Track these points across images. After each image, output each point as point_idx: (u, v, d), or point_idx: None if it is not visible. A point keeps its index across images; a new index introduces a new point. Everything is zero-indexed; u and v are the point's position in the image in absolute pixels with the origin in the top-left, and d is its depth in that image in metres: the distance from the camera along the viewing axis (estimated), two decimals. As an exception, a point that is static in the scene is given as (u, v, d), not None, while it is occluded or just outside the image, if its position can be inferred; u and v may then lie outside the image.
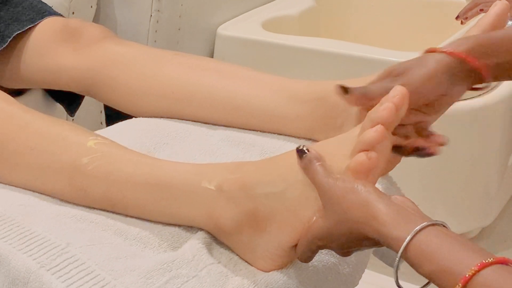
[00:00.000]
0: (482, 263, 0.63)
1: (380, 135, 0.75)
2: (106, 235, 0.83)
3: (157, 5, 1.64)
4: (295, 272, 0.82)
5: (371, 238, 0.71)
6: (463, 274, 0.63)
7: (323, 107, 1.01)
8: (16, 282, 0.78)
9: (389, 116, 0.75)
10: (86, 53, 1.13)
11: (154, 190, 0.85)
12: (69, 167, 0.88)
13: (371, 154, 0.75)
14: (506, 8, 0.95)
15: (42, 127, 0.91)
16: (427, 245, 0.66)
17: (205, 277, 0.79)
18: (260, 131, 1.05)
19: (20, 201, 0.88)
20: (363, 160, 0.75)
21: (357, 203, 0.71)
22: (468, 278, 0.62)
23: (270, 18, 1.87)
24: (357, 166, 0.75)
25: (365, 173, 0.75)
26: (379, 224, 0.69)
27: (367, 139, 0.75)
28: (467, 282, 0.62)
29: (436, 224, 0.68)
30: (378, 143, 0.75)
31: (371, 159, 0.75)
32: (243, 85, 1.06)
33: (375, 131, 0.75)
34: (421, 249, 0.66)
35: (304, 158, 0.77)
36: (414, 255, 0.66)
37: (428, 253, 0.66)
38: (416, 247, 0.66)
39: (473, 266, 0.63)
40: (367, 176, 0.75)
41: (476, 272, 0.62)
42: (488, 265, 0.63)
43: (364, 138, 0.76)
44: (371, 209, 0.70)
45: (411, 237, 0.66)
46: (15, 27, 1.17)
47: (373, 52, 1.65)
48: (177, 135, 1.04)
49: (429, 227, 0.67)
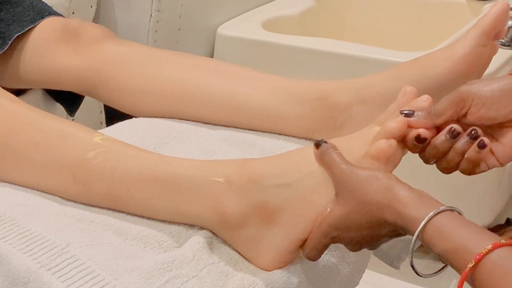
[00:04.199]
0: (495, 243, 0.65)
1: (402, 125, 0.78)
2: (106, 235, 0.83)
3: (157, 5, 1.64)
4: (296, 272, 0.82)
5: (390, 223, 0.73)
6: (477, 252, 0.65)
7: (323, 107, 1.01)
8: (16, 282, 0.78)
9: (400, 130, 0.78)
10: (86, 53, 1.13)
11: (159, 184, 0.85)
12: (74, 162, 0.88)
13: (391, 142, 0.77)
14: (506, 8, 0.95)
15: (47, 124, 0.92)
16: (445, 225, 0.69)
17: (205, 277, 0.79)
18: (260, 131, 1.05)
19: (21, 201, 0.88)
20: (384, 147, 0.77)
21: (379, 187, 0.73)
22: (481, 256, 0.65)
23: (270, 18, 1.87)
24: (378, 152, 0.77)
25: (384, 160, 0.77)
26: (401, 204, 0.72)
27: (389, 128, 0.78)
28: (480, 260, 0.65)
29: (454, 210, 0.71)
30: (399, 133, 0.78)
31: (391, 146, 0.77)
32: (243, 85, 1.06)
33: (397, 121, 0.78)
34: (438, 229, 0.69)
35: (322, 147, 0.79)
36: (431, 234, 0.69)
37: (444, 232, 0.69)
38: (433, 227, 0.69)
39: (486, 245, 0.65)
40: (386, 164, 0.77)
41: (489, 251, 0.65)
42: (501, 246, 0.65)
43: (387, 128, 0.78)
44: (394, 192, 0.73)
45: (430, 217, 0.69)
46: (15, 28, 1.17)
47: (373, 52, 1.65)
48: (177, 135, 1.04)
49: (447, 211, 0.70)
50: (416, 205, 0.71)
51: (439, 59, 0.98)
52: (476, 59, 0.97)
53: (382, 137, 0.78)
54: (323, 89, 1.02)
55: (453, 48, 0.98)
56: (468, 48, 0.97)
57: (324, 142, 0.79)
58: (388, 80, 0.99)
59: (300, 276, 0.82)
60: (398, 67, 1.02)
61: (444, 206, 0.70)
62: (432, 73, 0.98)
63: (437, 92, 0.98)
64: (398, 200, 0.72)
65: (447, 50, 0.99)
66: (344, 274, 0.89)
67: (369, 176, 0.75)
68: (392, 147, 0.77)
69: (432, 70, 0.98)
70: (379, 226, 0.74)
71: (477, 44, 0.96)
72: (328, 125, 1.00)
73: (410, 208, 0.71)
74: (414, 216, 0.70)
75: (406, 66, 1.01)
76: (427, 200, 0.72)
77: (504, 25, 0.97)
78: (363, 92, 1.00)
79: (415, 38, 2.00)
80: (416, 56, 1.03)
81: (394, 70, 1.01)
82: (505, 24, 0.97)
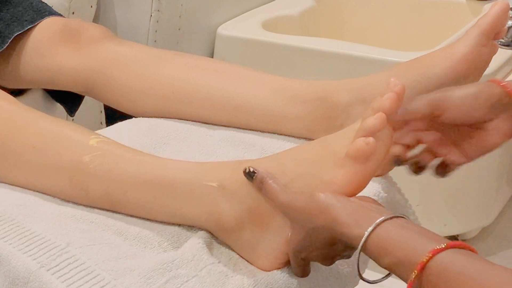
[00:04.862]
0: (434, 249, 0.65)
1: (380, 121, 0.76)
2: (106, 235, 0.83)
3: (157, 5, 1.64)
4: (295, 272, 0.82)
5: (340, 241, 0.73)
6: (417, 262, 0.65)
7: (323, 107, 1.01)
8: (16, 282, 0.78)
9: (391, 105, 0.76)
10: (86, 53, 1.13)
11: (155, 188, 0.85)
12: (71, 165, 0.88)
13: (369, 140, 0.76)
14: (506, 8, 0.95)
15: (44, 126, 0.91)
16: (385, 239, 0.68)
17: (205, 277, 0.79)
18: (260, 131, 1.05)
19: (20, 201, 0.88)
20: (361, 146, 0.76)
21: (318, 210, 0.74)
22: (423, 264, 0.65)
23: (270, 18, 1.87)
24: (355, 151, 0.76)
25: (364, 159, 0.76)
26: (340, 225, 0.72)
27: (367, 125, 0.76)
28: (422, 268, 0.65)
29: (394, 217, 0.70)
30: (378, 130, 0.76)
31: (369, 144, 0.76)
32: (243, 85, 1.06)
33: (376, 118, 0.76)
34: (379, 244, 0.69)
35: (255, 178, 0.79)
36: (374, 250, 0.69)
37: (385, 246, 0.68)
38: (374, 242, 0.69)
39: (426, 252, 0.65)
40: (366, 162, 0.77)
41: (430, 258, 0.65)
42: (441, 251, 0.65)
43: (364, 125, 0.77)
44: (331, 213, 0.72)
45: (368, 234, 0.69)
46: (15, 27, 1.17)
47: (373, 52, 1.65)
48: (177, 135, 1.04)
49: (386, 221, 0.69)
50: (354, 223, 0.71)
51: (439, 59, 0.98)
52: (476, 59, 0.97)
53: (361, 135, 0.77)
54: (323, 89, 1.02)
55: (453, 48, 0.98)
56: (468, 48, 0.97)
57: (253, 173, 0.79)
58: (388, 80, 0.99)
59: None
60: (398, 67, 1.01)
61: (383, 215, 0.70)
62: (432, 73, 0.98)
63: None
64: (336, 221, 0.72)
65: (447, 50, 0.99)
66: (344, 274, 0.88)
67: (308, 200, 0.75)
68: (370, 145, 0.76)
69: (432, 70, 0.98)
70: (333, 244, 0.75)
71: (477, 44, 0.96)
72: (328, 125, 1.00)
73: (349, 228, 0.71)
74: (354, 235, 0.70)
75: (406, 66, 1.01)
76: (365, 213, 0.71)
77: (504, 25, 0.97)
78: (363, 92, 1.00)
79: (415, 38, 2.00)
80: (416, 56, 1.03)
81: (394, 70, 1.01)
82: (505, 24, 0.97)
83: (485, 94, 0.82)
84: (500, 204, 1.80)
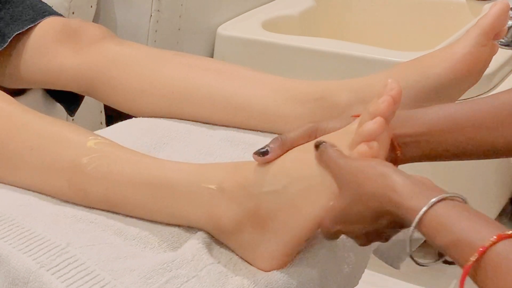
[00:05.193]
0: (500, 235, 0.61)
1: (379, 126, 0.75)
2: (106, 235, 0.83)
3: (157, 5, 1.64)
4: (295, 272, 0.82)
5: (388, 214, 0.70)
6: (480, 244, 0.62)
7: (323, 107, 1.01)
8: (16, 282, 0.78)
9: (388, 109, 0.75)
10: (86, 53, 1.13)
11: (154, 190, 0.85)
12: (69, 167, 0.88)
13: (372, 144, 0.75)
14: (506, 8, 0.95)
15: (42, 127, 0.91)
16: (444, 216, 0.65)
17: (205, 277, 0.79)
18: (260, 131, 1.05)
19: (20, 201, 0.88)
20: (365, 151, 0.75)
21: (374, 175, 0.71)
22: (484, 249, 0.61)
23: (270, 18, 1.87)
24: (360, 156, 0.75)
25: None
26: (396, 194, 0.68)
27: (367, 130, 0.76)
28: (483, 252, 0.61)
29: (454, 198, 0.67)
30: (378, 134, 0.75)
31: (373, 149, 0.75)
32: (243, 85, 1.06)
33: (375, 122, 0.75)
34: (437, 220, 0.65)
35: (321, 147, 0.78)
36: (430, 226, 0.65)
37: (444, 224, 0.65)
38: (432, 218, 0.65)
39: (490, 237, 0.61)
40: None
41: (494, 243, 0.61)
42: (506, 237, 0.61)
43: (364, 130, 0.76)
44: (388, 179, 0.70)
45: (428, 207, 0.66)
46: (15, 27, 1.17)
47: (373, 52, 1.65)
48: (177, 135, 1.04)
49: (447, 199, 0.66)
50: (412, 194, 0.68)
51: (439, 59, 0.98)
52: (476, 59, 0.97)
53: (362, 139, 0.76)
54: (323, 89, 1.02)
55: (453, 48, 0.98)
56: (468, 48, 0.96)
57: (323, 143, 0.78)
58: (388, 80, 0.99)
59: (300, 277, 0.82)
60: (398, 67, 1.01)
61: (444, 193, 0.67)
62: (432, 73, 0.98)
63: (437, 92, 0.98)
64: (393, 189, 0.69)
65: (447, 50, 0.99)
66: (344, 274, 0.88)
67: (364, 165, 0.73)
68: (374, 149, 0.75)
69: (432, 70, 0.98)
70: (378, 217, 0.72)
71: (477, 44, 0.96)
72: (328, 125, 1.00)
73: (406, 198, 0.68)
74: (410, 206, 0.67)
75: (406, 66, 1.01)
76: (426, 188, 0.68)
77: (504, 25, 0.97)
78: (363, 92, 1.00)
79: (415, 38, 2.00)
80: (416, 56, 1.03)
81: (394, 70, 1.01)
82: (505, 24, 0.97)
83: None
84: (500, 204, 1.80)
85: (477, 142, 0.82)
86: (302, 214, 0.78)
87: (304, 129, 0.83)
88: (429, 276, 1.72)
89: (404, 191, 0.68)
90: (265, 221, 0.80)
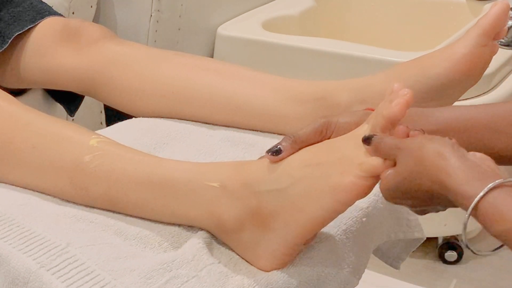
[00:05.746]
0: None
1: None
2: (106, 235, 0.83)
3: (157, 5, 1.64)
4: (296, 272, 0.82)
5: (441, 196, 0.68)
6: None
7: (323, 107, 1.01)
8: (16, 282, 0.78)
9: (401, 112, 0.74)
10: (86, 53, 1.13)
11: (155, 188, 0.85)
12: (71, 165, 0.88)
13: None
14: (506, 8, 0.95)
15: (44, 126, 0.92)
16: (501, 203, 0.63)
17: (205, 277, 0.79)
18: (260, 131, 1.05)
19: (20, 201, 0.88)
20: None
21: (432, 151, 0.68)
22: None
23: (270, 18, 1.87)
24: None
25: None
26: (450, 178, 0.66)
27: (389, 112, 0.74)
28: None
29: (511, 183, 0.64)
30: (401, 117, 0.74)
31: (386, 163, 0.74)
32: (243, 85, 1.06)
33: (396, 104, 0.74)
34: (494, 207, 0.63)
35: (374, 139, 0.75)
36: (486, 213, 0.63)
37: (501, 211, 0.62)
38: (488, 204, 0.63)
39: None
40: None
41: None
42: None
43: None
44: (444, 161, 0.67)
45: (483, 194, 0.63)
46: (16, 27, 1.17)
47: (373, 52, 1.65)
48: (177, 135, 1.04)
49: (503, 185, 0.63)
50: (467, 179, 0.65)
51: (439, 59, 0.98)
52: (476, 59, 0.97)
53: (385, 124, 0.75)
54: (323, 89, 1.02)
55: (453, 48, 0.98)
56: (468, 48, 0.97)
57: (375, 135, 0.75)
58: (388, 80, 0.99)
59: (300, 277, 0.82)
60: (398, 67, 1.02)
61: (501, 179, 0.63)
62: (432, 73, 0.98)
63: (437, 92, 0.98)
64: (447, 172, 0.66)
65: (447, 50, 0.99)
66: (344, 274, 0.88)
67: (424, 141, 0.69)
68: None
69: (432, 70, 0.98)
70: (432, 197, 0.70)
71: (477, 44, 0.96)
72: (328, 125, 1.00)
73: (460, 183, 0.65)
74: (465, 191, 0.64)
75: (406, 66, 1.01)
76: (480, 172, 0.65)
77: (504, 25, 0.97)
78: (363, 92, 1.00)
79: (415, 38, 2.00)
80: (416, 56, 1.03)
81: (394, 70, 1.01)
82: (505, 24, 0.97)
83: None
84: None
85: (490, 146, 0.81)
86: (304, 215, 0.78)
87: (316, 125, 0.83)
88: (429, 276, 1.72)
89: (459, 174, 0.65)
90: (267, 220, 0.80)
